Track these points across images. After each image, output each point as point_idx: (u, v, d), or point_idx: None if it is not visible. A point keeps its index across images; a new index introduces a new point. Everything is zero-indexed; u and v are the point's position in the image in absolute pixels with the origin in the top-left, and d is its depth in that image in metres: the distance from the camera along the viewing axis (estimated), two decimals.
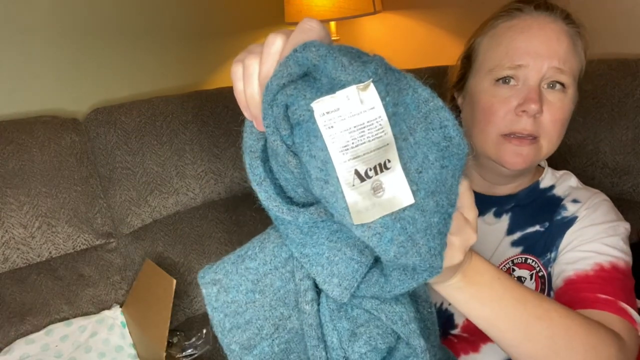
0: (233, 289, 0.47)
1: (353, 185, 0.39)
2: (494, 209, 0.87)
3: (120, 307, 1.30)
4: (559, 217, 0.81)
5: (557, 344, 0.56)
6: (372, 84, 0.39)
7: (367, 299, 0.46)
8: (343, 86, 0.39)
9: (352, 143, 0.39)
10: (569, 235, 0.78)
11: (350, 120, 0.39)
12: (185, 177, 1.40)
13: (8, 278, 1.24)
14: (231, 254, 0.49)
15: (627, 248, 0.76)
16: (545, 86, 0.76)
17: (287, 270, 0.47)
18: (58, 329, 1.22)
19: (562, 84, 0.76)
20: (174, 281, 1.13)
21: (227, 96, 1.46)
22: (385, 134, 0.40)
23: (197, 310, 1.39)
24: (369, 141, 0.39)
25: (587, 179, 1.14)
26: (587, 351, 0.57)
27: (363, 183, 0.39)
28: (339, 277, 0.44)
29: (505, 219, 0.85)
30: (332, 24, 1.83)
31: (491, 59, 0.79)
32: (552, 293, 0.79)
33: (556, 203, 0.83)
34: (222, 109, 1.44)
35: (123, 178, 1.36)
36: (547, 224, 0.82)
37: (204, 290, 0.48)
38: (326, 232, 0.44)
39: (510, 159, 0.78)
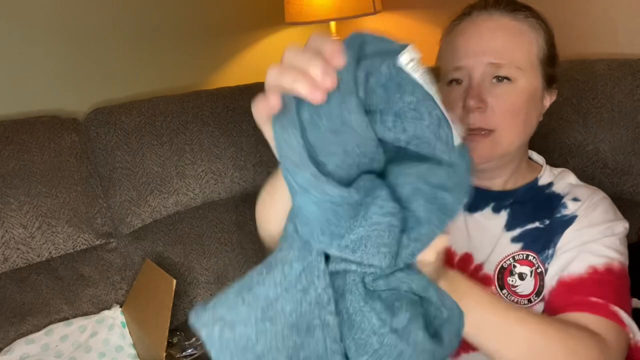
0: (240, 323, 0.43)
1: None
2: (492, 204, 0.88)
3: (120, 307, 1.30)
4: (559, 215, 0.82)
5: (536, 347, 0.59)
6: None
7: (392, 277, 0.45)
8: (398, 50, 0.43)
9: (432, 84, 0.44)
10: (568, 235, 0.79)
11: (422, 68, 0.44)
12: (185, 177, 1.40)
13: (8, 278, 1.24)
14: (232, 286, 0.45)
15: (623, 248, 0.77)
16: (494, 80, 0.78)
17: (298, 289, 0.43)
18: (58, 329, 1.22)
19: (507, 77, 0.78)
20: (174, 281, 1.13)
21: (227, 96, 1.46)
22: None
23: None
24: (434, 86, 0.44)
25: (587, 179, 1.14)
26: (567, 354, 0.60)
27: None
28: (386, 246, 0.43)
29: (503, 215, 0.86)
30: (332, 24, 1.83)
31: (444, 63, 0.84)
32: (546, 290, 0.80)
33: (556, 200, 0.84)
34: (222, 109, 1.44)
35: (123, 178, 1.36)
36: (547, 221, 0.83)
37: (203, 333, 0.43)
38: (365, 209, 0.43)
39: (474, 153, 0.82)
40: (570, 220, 0.80)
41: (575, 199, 0.82)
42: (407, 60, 0.43)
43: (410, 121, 0.43)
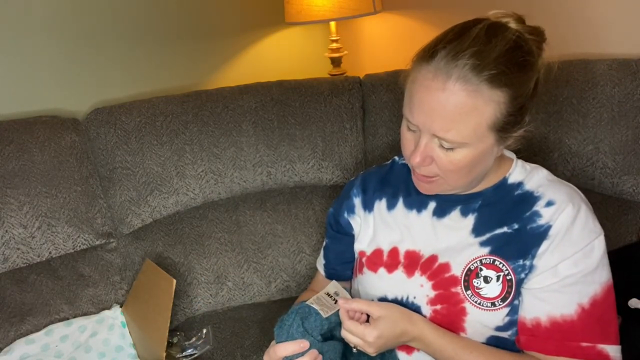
0: None
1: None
2: (459, 207, 0.88)
3: (120, 307, 1.30)
4: (534, 225, 0.82)
5: None
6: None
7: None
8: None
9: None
10: (548, 254, 0.80)
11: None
12: (185, 177, 1.40)
13: (8, 278, 1.24)
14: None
15: (603, 260, 0.80)
16: (439, 145, 0.79)
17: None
18: (58, 329, 1.22)
19: (451, 148, 0.78)
20: (174, 281, 1.13)
21: (227, 96, 1.46)
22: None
23: (197, 310, 1.39)
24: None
25: (587, 179, 1.14)
26: None
27: None
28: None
29: (471, 219, 0.87)
30: (332, 24, 1.83)
31: (404, 101, 0.82)
32: (519, 297, 0.82)
33: (527, 204, 0.83)
34: (222, 109, 1.44)
35: (123, 178, 1.36)
36: (515, 225, 0.83)
37: None
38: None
39: (418, 187, 0.89)
40: (545, 231, 0.80)
41: (549, 203, 0.82)
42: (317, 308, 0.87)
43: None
